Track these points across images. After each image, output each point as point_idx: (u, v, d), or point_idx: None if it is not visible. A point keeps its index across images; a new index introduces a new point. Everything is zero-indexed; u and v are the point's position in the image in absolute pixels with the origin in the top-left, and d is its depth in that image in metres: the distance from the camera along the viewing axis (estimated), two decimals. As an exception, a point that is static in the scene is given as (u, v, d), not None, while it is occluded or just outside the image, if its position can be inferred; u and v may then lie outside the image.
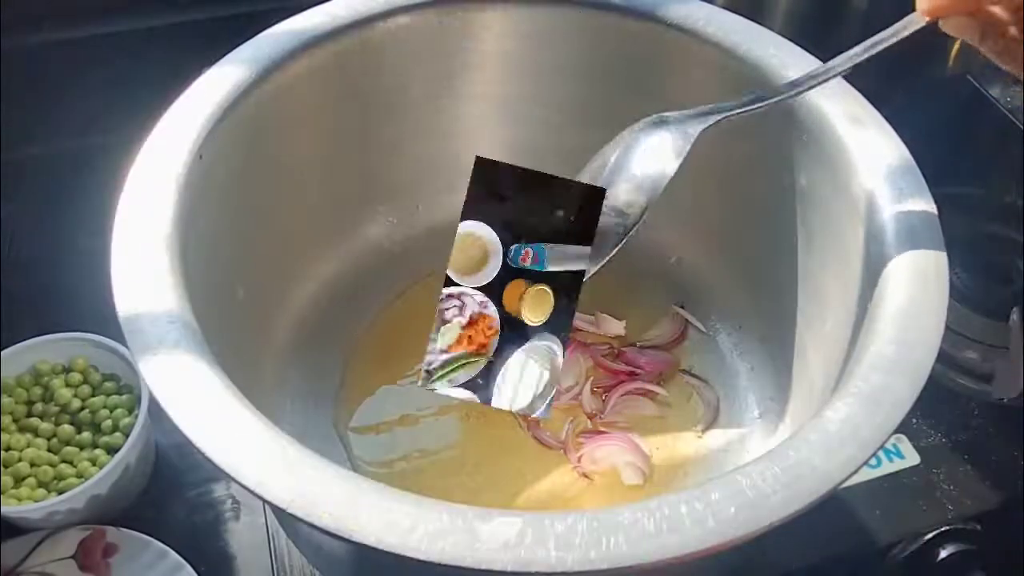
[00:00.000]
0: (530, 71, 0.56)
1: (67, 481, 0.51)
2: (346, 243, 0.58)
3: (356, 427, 0.53)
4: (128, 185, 0.41)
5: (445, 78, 0.55)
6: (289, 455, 0.32)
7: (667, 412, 0.54)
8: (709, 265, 0.58)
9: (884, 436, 0.33)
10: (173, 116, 0.44)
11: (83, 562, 0.50)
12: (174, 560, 0.50)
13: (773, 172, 0.50)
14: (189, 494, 0.55)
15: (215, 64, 0.47)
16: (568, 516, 0.30)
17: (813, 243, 0.48)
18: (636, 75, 0.54)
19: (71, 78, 0.64)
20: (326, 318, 0.56)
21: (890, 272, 0.39)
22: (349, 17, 0.50)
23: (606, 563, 0.29)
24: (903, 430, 0.57)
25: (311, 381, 0.54)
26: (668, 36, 0.51)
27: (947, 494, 0.54)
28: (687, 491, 0.31)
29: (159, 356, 0.35)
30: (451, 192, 0.61)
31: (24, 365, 0.55)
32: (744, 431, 0.52)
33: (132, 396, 0.55)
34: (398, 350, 0.56)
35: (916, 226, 0.40)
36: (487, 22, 0.53)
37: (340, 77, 0.51)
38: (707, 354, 0.56)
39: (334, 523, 0.30)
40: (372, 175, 0.57)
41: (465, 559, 0.29)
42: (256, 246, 0.50)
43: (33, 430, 0.53)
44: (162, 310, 0.36)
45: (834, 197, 0.45)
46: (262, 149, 0.49)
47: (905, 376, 0.35)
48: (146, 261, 0.38)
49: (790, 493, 0.31)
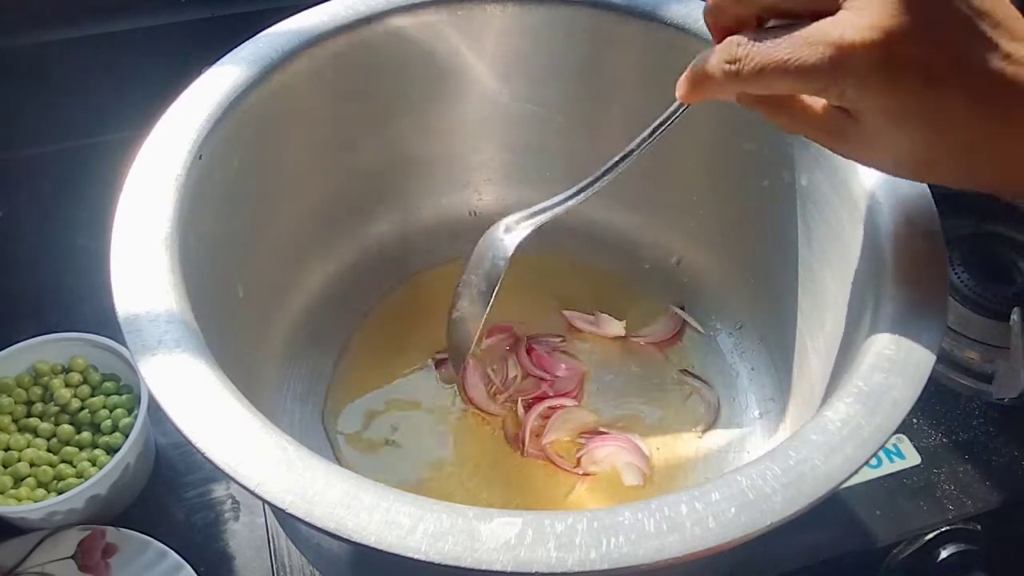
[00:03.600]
0: (530, 71, 0.56)
1: (67, 481, 0.51)
2: (346, 243, 0.58)
3: (355, 427, 0.52)
4: (128, 185, 0.41)
5: (445, 78, 0.55)
6: (289, 455, 0.32)
7: (667, 412, 0.54)
8: (709, 265, 0.58)
9: (884, 436, 0.33)
10: (173, 116, 0.44)
11: (83, 562, 0.50)
12: (174, 560, 0.50)
13: (773, 172, 0.50)
14: (189, 494, 0.55)
15: (215, 64, 0.47)
16: (568, 516, 0.30)
17: (813, 243, 0.48)
18: (636, 75, 0.54)
19: (71, 78, 0.64)
20: (326, 318, 0.56)
21: (890, 272, 0.39)
22: (349, 17, 0.50)
23: (606, 563, 0.29)
24: (903, 430, 0.57)
25: (311, 381, 0.54)
26: (668, 36, 0.51)
27: (947, 494, 0.54)
28: (687, 491, 0.31)
29: (159, 356, 0.35)
30: (451, 192, 0.61)
31: (23, 365, 0.55)
32: (744, 431, 0.52)
33: (132, 396, 0.55)
34: (396, 349, 0.56)
35: (916, 226, 0.40)
36: (487, 22, 0.53)
37: (340, 77, 0.51)
38: (707, 354, 0.56)
39: (334, 523, 0.30)
40: (372, 175, 0.57)
41: (465, 559, 0.29)
42: (256, 246, 0.50)
43: (33, 430, 0.53)
44: (162, 310, 0.36)
45: (834, 196, 0.45)
46: (262, 149, 0.49)
47: (905, 376, 0.35)
48: (146, 261, 0.38)
49: (790, 493, 0.31)
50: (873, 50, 0.30)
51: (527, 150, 0.60)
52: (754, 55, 0.32)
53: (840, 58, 0.30)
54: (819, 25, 0.31)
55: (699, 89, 0.36)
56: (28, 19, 0.62)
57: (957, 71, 0.31)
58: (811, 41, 0.31)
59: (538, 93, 0.57)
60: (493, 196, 0.62)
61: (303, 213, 0.54)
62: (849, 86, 0.31)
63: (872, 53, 0.30)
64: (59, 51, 0.63)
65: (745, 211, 0.54)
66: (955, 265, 0.59)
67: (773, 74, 0.32)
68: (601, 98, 0.56)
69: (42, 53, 0.63)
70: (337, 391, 0.54)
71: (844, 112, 0.33)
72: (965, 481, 0.54)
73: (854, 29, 0.30)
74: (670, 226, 0.59)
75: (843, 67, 0.30)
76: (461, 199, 0.61)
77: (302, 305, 0.56)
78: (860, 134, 0.33)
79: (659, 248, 0.60)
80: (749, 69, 0.33)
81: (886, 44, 0.30)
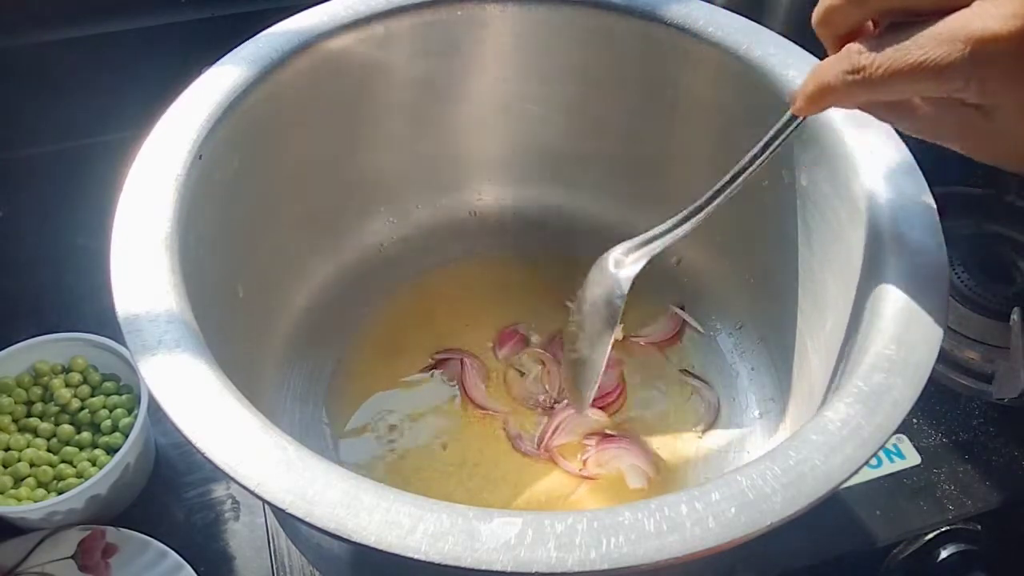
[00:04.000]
0: (530, 71, 0.56)
1: (67, 481, 0.51)
2: (346, 243, 0.58)
3: (355, 427, 0.53)
4: (128, 185, 0.41)
5: (445, 78, 0.55)
6: (289, 455, 0.32)
7: (667, 412, 0.54)
8: (710, 265, 0.58)
9: (884, 436, 0.33)
10: (173, 116, 0.44)
11: (83, 562, 0.50)
12: (174, 560, 0.50)
13: (773, 172, 0.50)
14: (189, 494, 0.55)
15: (215, 64, 0.47)
16: (568, 516, 0.30)
17: (813, 243, 0.48)
18: (636, 75, 0.54)
19: (71, 78, 0.64)
20: (325, 318, 0.56)
21: (890, 272, 0.39)
22: (349, 17, 0.50)
23: (606, 563, 0.29)
24: (903, 430, 0.57)
25: (310, 381, 0.54)
26: (668, 36, 0.51)
27: (947, 494, 0.54)
28: (687, 491, 0.31)
29: (159, 356, 0.35)
30: (451, 192, 0.61)
31: (23, 365, 0.55)
32: (744, 431, 0.52)
33: (132, 396, 0.55)
34: (397, 349, 0.56)
35: (916, 226, 0.40)
36: (487, 22, 0.53)
37: (340, 77, 0.51)
38: (707, 354, 0.56)
39: (334, 523, 0.30)
40: (372, 175, 0.57)
41: (465, 559, 0.29)
42: (256, 246, 0.50)
43: (33, 430, 0.53)
44: (162, 310, 0.36)
45: (834, 196, 0.45)
46: (262, 149, 0.49)
47: (906, 376, 0.35)
48: (146, 261, 0.38)
49: (790, 493, 0.31)
50: (1018, 38, 0.28)
51: (527, 150, 0.60)
52: (881, 61, 0.31)
53: (982, 52, 0.29)
54: (951, 20, 0.30)
55: (820, 101, 0.34)
56: (28, 19, 0.62)
57: None
58: (946, 38, 0.29)
59: (538, 93, 0.57)
60: (493, 196, 0.62)
61: (303, 213, 0.54)
62: (993, 80, 0.29)
63: (1017, 41, 0.28)
64: (59, 51, 0.63)
65: (745, 211, 0.54)
66: (955, 265, 0.59)
67: (906, 79, 0.30)
68: (601, 98, 0.56)
69: (42, 53, 0.63)
70: (338, 391, 0.54)
71: (974, 108, 0.31)
72: (965, 481, 0.54)
73: (996, 20, 0.29)
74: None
75: (985, 61, 0.29)
76: (461, 199, 0.61)
77: (302, 305, 0.55)
78: (991, 130, 0.31)
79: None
80: (878, 76, 0.31)
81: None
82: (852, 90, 0.32)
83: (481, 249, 0.60)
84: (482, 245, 0.50)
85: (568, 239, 0.59)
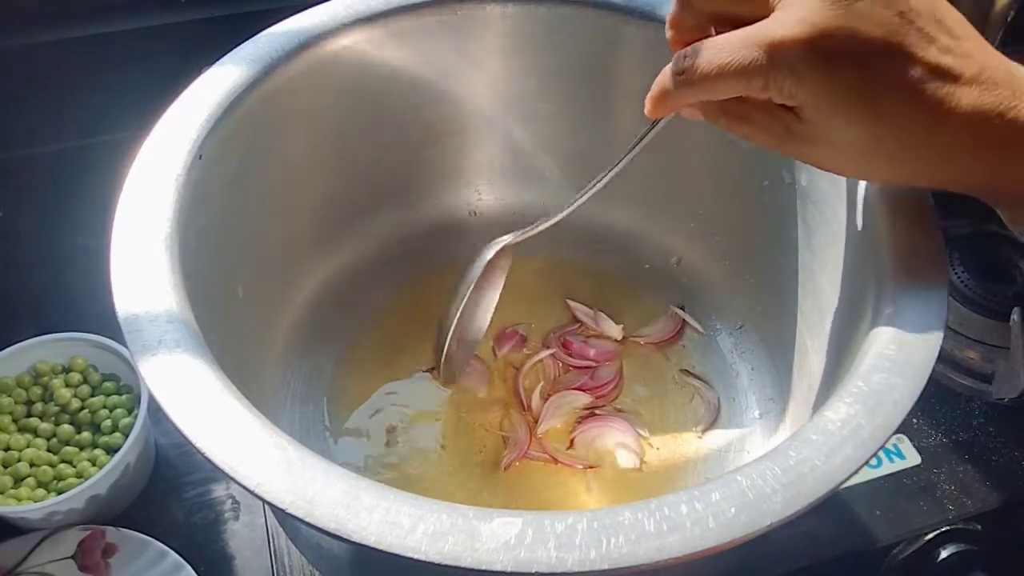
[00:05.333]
0: (530, 70, 0.56)
1: (67, 481, 0.51)
2: (346, 243, 0.58)
3: (355, 427, 0.52)
4: (128, 185, 0.41)
5: (445, 78, 0.55)
6: (289, 455, 0.32)
7: (667, 412, 0.54)
8: (710, 265, 0.58)
9: (884, 436, 0.33)
10: (173, 116, 0.44)
11: (83, 562, 0.50)
12: (174, 560, 0.50)
13: (773, 172, 0.50)
14: (189, 494, 0.55)
15: (215, 64, 0.47)
16: (568, 516, 0.30)
17: (813, 243, 0.48)
18: (636, 75, 0.54)
19: (71, 78, 0.64)
20: (326, 318, 0.56)
21: (890, 272, 0.39)
22: (349, 17, 0.50)
23: (606, 563, 0.29)
24: (903, 430, 0.57)
25: (310, 381, 0.54)
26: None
27: (947, 494, 0.54)
28: (687, 491, 0.31)
29: (159, 356, 0.35)
30: (451, 192, 0.61)
31: (23, 365, 0.55)
32: (744, 431, 0.52)
33: (132, 396, 0.55)
34: (397, 349, 0.56)
35: (916, 226, 0.40)
36: (487, 21, 0.53)
37: (340, 77, 0.51)
38: (708, 354, 0.56)
39: (334, 523, 0.30)
40: (372, 175, 0.57)
41: (465, 559, 0.29)
42: (256, 246, 0.50)
43: (33, 430, 0.53)
44: (162, 310, 0.36)
45: (834, 196, 0.45)
46: (262, 149, 0.49)
47: (905, 376, 0.35)
48: (146, 261, 0.38)
49: (790, 493, 0.31)
50: (803, 42, 0.32)
51: (527, 150, 0.60)
52: (699, 63, 0.34)
53: (773, 55, 0.32)
54: (757, 26, 0.33)
55: (661, 104, 0.37)
56: (28, 19, 0.62)
57: (889, 58, 0.32)
58: (749, 43, 0.32)
59: (539, 93, 0.57)
60: (493, 196, 0.62)
61: (303, 213, 0.54)
62: (786, 79, 0.32)
63: (802, 45, 0.32)
64: (59, 51, 0.63)
65: (745, 211, 0.54)
66: (955, 265, 0.59)
67: (717, 79, 0.33)
68: (601, 98, 0.56)
69: (41, 53, 0.63)
70: (337, 391, 0.54)
71: (791, 111, 0.34)
72: (965, 481, 0.54)
73: (784, 26, 0.32)
74: (670, 226, 0.59)
75: (777, 63, 0.32)
76: (461, 199, 0.61)
77: (302, 305, 0.55)
78: (806, 130, 0.34)
79: (659, 248, 0.60)
80: (696, 76, 0.34)
81: (815, 35, 0.32)
82: (681, 91, 0.35)
83: (481, 249, 0.60)
84: (482, 245, 0.50)
85: (569, 239, 0.59)
